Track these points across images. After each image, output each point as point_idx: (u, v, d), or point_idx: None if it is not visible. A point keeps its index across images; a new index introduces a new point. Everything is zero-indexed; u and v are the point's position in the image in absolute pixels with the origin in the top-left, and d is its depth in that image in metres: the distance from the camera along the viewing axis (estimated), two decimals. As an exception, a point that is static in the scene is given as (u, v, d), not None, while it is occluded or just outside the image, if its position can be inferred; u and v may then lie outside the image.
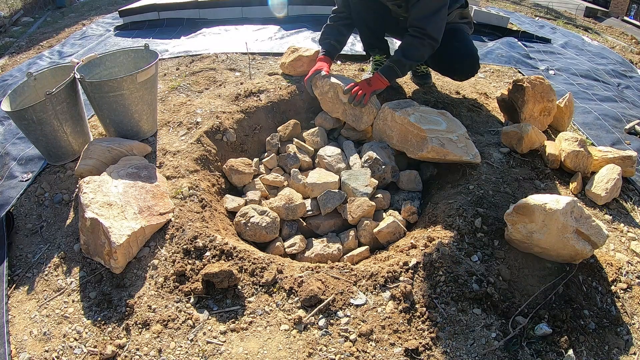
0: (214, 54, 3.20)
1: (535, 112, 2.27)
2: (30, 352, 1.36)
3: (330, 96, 2.30)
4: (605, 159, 2.05)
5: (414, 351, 1.30)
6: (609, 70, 3.42)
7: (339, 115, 2.32)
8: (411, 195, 2.04)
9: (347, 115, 2.30)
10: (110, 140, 2.02)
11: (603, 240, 1.48)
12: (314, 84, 2.38)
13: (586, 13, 6.59)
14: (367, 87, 2.19)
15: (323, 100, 2.36)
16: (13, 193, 1.95)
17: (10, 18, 5.32)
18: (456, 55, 2.35)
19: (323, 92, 2.33)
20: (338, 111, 2.32)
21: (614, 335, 1.42)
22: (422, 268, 1.51)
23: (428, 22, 2.08)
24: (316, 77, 2.35)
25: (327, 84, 2.29)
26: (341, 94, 2.24)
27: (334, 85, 2.27)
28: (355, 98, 2.17)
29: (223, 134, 2.26)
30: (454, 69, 2.44)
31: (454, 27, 2.37)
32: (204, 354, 1.31)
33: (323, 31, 2.52)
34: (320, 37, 2.52)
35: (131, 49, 2.29)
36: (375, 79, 2.21)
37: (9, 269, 1.64)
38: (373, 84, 2.21)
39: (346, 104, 2.25)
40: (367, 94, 2.18)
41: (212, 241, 1.62)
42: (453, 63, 2.41)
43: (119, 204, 1.65)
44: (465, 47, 2.35)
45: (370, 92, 2.19)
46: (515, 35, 3.99)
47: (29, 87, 2.09)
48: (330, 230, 1.92)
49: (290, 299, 1.46)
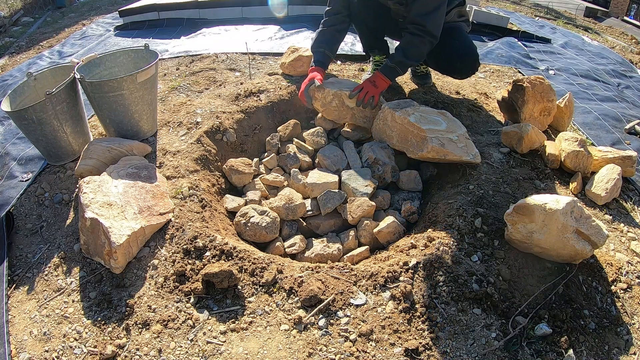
0: (214, 54, 3.20)
1: (535, 112, 2.27)
2: (30, 352, 1.36)
3: (335, 105, 2.27)
4: (605, 159, 2.04)
5: (414, 351, 1.30)
6: (609, 70, 3.42)
7: (348, 120, 2.31)
8: (411, 195, 2.04)
9: (357, 119, 2.30)
10: (110, 140, 2.02)
11: (603, 240, 1.48)
12: (312, 97, 2.32)
13: (586, 13, 6.59)
14: (374, 89, 2.19)
15: (327, 111, 2.31)
16: (13, 193, 1.95)
17: (10, 18, 5.32)
18: (456, 54, 2.35)
19: (325, 102, 2.28)
20: (346, 117, 2.30)
21: (614, 335, 1.42)
22: (422, 268, 1.51)
23: (428, 19, 2.09)
24: (313, 89, 2.29)
25: (329, 94, 2.25)
26: (347, 100, 2.23)
27: (337, 94, 2.24)
28: (364, 101, 2.17)
29: (223, 134, 2.26)
30: (454, 67, 2.44)
31: (453, 26, 2.37)
32: (204, 354, 1.31)
33: (316, 38, 2.41)
34: (313, 44, 2.41)
35: (131, 49, 2.29)
36: (379, 79, 2.21)
37: (9, 269, 1.64)
38: (379, 85, 2.20)
39: (354, 108, 2.24)
40: (375, 95, 2.18)
41: (212, 241, 1.62)
42: (453, 61, 2.40)
43: (119, 204, 1.65)
44: (465, 45, 2.36)
45: (378, 93, 2.20)
46: (515, 35, 3.99)
47: (29, 87, 2.09)
48: (330, 230, 1.92)
49: (290, 299, 1.46)
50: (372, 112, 2.25)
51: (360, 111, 2.26)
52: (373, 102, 2.18)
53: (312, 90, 2.30)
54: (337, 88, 2.26)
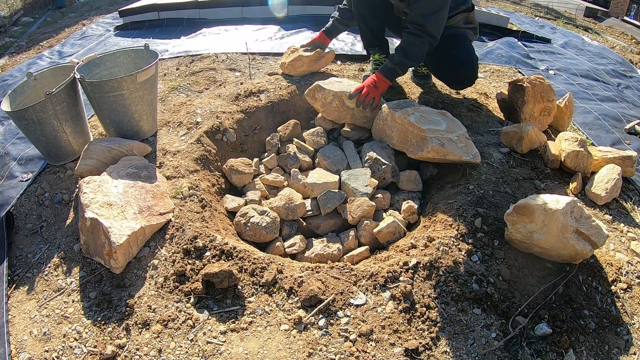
0: (214, 54, 3.20)
1: (535, 112, 2.27)
2: (30, 352, 1.36)
3: (335, 105, 2.26)
4: (605, 159, 2.04)
5: (414, 351, 1.30)
6: (609, 70, 3.42)
7: (348, 120, 2.31)
8: (411, 195, 2.04)
9: (356, 119, 2.29)
10: (110, 140, 2.02)
11: (603, 240, 1.48)
12: (311, 97, 2.32)
13: (586, 13, 6.59)
14: (375, 90, 2.18)
15: (327, 111, 2.31)
16: (13, 193, 1.95)
17: (10, 18, 5.32)
18: (454, 64, 2.32)
19: (326, 103, 2.28)
20: (346, 117, 2.30)
21: (614, 335, 1.42)
22: (422, 268, 1.51)
23: (428, 20, 2.08)
24: (313, 90, 2.29)
25: (329, 95, 2.25)
26: (347, 101, 2.22)
27: (337, 95, 2.23)
28: (364, 102, 2.17)
29: (223, 134, 2.26)
30: (451, 78, 2.43)
31: (457, 33, 2.33)
32: (204, 354, 1.31)
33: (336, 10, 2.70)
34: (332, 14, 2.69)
35: (131, 49, 2.29)
36: (379, 80, 2.20)
37: (9, 269, 1.64)
38: (379, 86, 2.20)
39: (354, 108, 2.24)
40: (376, 97, 2.18)
41: (212, 241, 1.62)
42: (449, 71, 2.38)
43: (119, 204, 1.65)
44: (464, 55, 2.31)
45: (379, 94, 2.20)
46: (515, 35, 3.99)
47: (29, 87, 2.09)
48: (330, 230, 1.92)
49: (290, 299, 1.46)
50: (373, 113, 2.25)
51: (360, 111, 2.26)
52: (374, 104, 2.18)
53: (312, 91, 2.31)
54: (338, 89, 2.26)
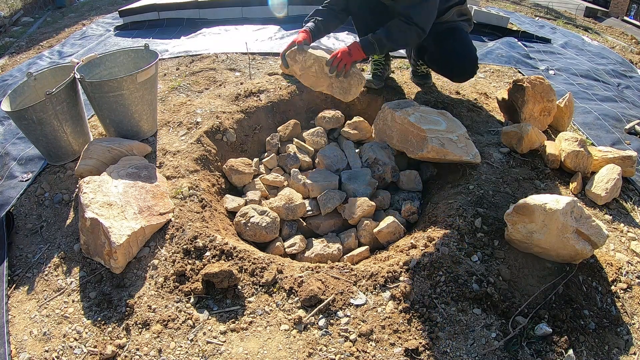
0: (214, 54, 3.20)
1: (535, 112, 2.27)
2: (30, 352, 1.36)
3: (314, 70, 2.14)
4: (605, 159, 2.04)
5: (414, 351, 1.30)
6: (609, 70, 3.42)
7: (324, 89, 2.20)
8: (411, 195, 2.04)
9: (333, 88, 2.18)
10: (110, 140, 2.02)
11: (603, 240, 1.48)
12: (292, 58, 2.16)
13: (586, 13, 6.59)
14: (348, 57, 2.09)
15: (305, 75, 2.17)
16: (13, 193, 1.95)
17: (10, 18, 5.32)
18: (454, 57, 2.31)
19: (305, 66, 2.14)
20: (323, 85, 2.19)
21: (614, 335, 1.42)
22: (422, 268, 1.51)
23: (415, 11, 2.03)
24: (294, 51, 2.14)
25: (310, 58, 2.11)
26: (326, 68, 2.11)
27: (318, 59, 2.12)
28: (338, 68, 2.07)
29: (223, 134, 2.26)
30: (452, 70, 2.41)
31: (453, 26, 2.33)
32: (204, 354, 1.31)
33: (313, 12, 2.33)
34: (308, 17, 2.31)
35: (131, 49, 2.29)
36: (355, 49, 2.11)
37: (9, 269, 1.64)
38: (353, 54, 2.11)
39: (332, 77, 2.13)
40: (347, 63, 2.09)
41: (212, 241, 1.62)
42: (450, 65, 2.37)
43: (119, 204, 1.65)
44: (464, 47, 2.31)
45: (351, 62, 2.10)
46: (515, 35, 3.99)
47: (29, 87, 2.09)
48: (330, 230, 1.92)
49: (290, 299, 1.46)
50: (349, 83, 2.13)
51: (337, 81, 2.14)
52: (345, 70, 2.09)
53: (293, 52, 2.15)
54: (320, 54, 2.14)
